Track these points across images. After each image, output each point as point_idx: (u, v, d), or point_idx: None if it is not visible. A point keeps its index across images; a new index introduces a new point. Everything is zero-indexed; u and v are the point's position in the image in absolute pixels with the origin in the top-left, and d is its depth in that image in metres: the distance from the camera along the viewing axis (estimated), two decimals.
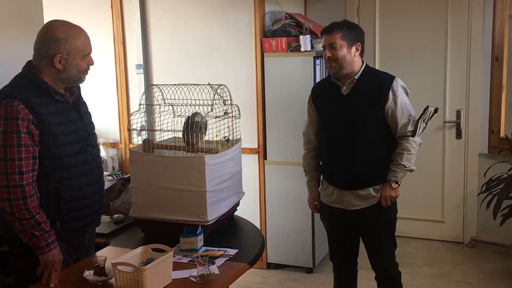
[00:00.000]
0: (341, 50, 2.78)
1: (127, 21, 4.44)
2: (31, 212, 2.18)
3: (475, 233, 4.62)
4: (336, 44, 2.78)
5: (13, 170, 2.15)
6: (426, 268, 4.24)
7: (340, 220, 2.99)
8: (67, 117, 2.34)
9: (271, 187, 4.21)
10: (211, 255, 2.38)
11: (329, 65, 2.83)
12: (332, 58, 2.80)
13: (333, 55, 2.79)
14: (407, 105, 2.85)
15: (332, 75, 2.89)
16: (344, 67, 2.81)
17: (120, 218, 3.17)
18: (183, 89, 2.83)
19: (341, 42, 2.78)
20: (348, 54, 2.80)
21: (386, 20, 4.67)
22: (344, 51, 2.79)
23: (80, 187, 2.38)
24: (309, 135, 3.07)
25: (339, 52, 2.78)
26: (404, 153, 2.81)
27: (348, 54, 2.80)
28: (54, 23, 2.32)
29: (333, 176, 2.96)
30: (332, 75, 2.89)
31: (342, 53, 2.79)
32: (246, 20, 4.10)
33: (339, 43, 2.78)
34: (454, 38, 4.48)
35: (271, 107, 4.12)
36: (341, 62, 2.79)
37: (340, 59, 2.79)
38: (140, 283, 2.02)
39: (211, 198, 2.62)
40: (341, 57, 2.79)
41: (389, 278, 3.01)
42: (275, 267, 4.30)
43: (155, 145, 2.84)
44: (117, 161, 4.54)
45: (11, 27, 3.33)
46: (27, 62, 2.36)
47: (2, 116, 2.17)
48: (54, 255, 2.22)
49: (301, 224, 4.14)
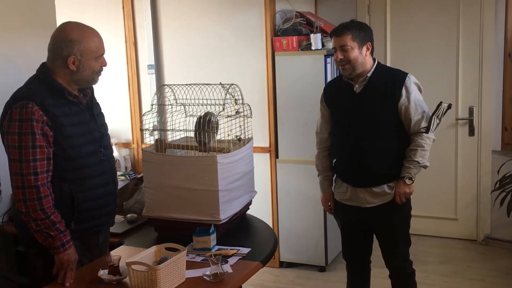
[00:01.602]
0: (353, 51, 2.76)
1: (138, 21, 4.47)
2: (46, 212, 2.20)
3: (489, 231, 4.59)
4: (348, 46, 2.76)
5: (28, 171, 2.18)
6: (440, 266, 4.22)
7: (354, 218, 2.98)
8: (80, 118, 2.36)
9: (283, 185, 4.21)
10: (224, 254, 2.39)
11: (342, 67, 2.81)
12: (344, 60, 2.78)
13: (345, 57, 2.77)
14: (420, 102, 2.84)
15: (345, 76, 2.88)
16: (357, 68, 2.79)
17: (134, 218, 3.19)
18: (195, 88, 2.84)
19: (352, 44, 2.76)
20: (359, 55, 2.78)
21: (397, 17, 4.66)
22: (356, 52, 2.77)
23: (94, 188, 2.39)
24: (323, 134, 3.06)
25: (351, 54, 2.76)
26: (418, 149, 2.80)
27: (359, 55, 2.78)
28: (68, 25, 2.34)
29: (347, 173, 2.96)
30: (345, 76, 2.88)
31: (354, 54, 2.76)
32: (256, 19, 4.10)
33: (350, 44, 2.75)
34: (466, 35, 4.45)
35: (282, 105, 4.12)
36: (354, 63, 2.78)
37: (352, 61, 2.77)
38: (154, 282, 2.04)
39: (224, 197, 2.62)
40: (353, 58, 2.77)
41: (403, 276, 3.00)
42: (287, 265, 4.31)
43: (167, 145, 2.86)
44: (130, 161, 4.57)
45: (25, 30, 3.37)
46: (41, 64, 2.38)
47: (17, 117, 2.19)
48: (69, 255, 2.24)
49: (314, 222, 4.14)
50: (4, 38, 3.26)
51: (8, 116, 2.23)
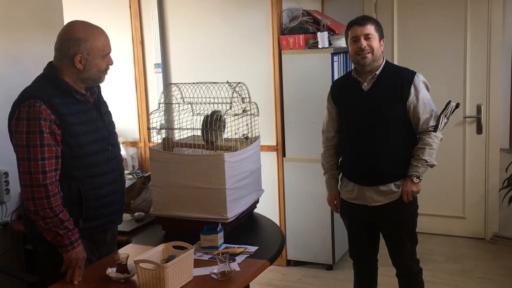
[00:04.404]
0: (375, 41, 2.80)
1: (145, 20, 4.48)
2: (54, 210, 2.21)
3: (497, 229, 4.57)
4: (372, 35, 2.79)
5: (36, 169, 2.19)
6: (447, 265, 4.20)
7: (360, 216, 2.98)
8: (88, 117, 2.37)
9: (290, 184, 4.21)
10: (231, 252, 2.39)
11: (364, 56, 2.79)
12: (367, 49, 2.79)
13: (369, 45, 2.79)
14: (429, 100, 2.84)
15: (359, 68, 2.87)
16: (377, 59, 2.82)
17: (141, 216, 3.19)
18: (202, 87, 2.84)
19: (374, 34, 2.80)
20: (379, 47, 2.82)
21: (404, 15, 4.64)
22: (377, 43, 2.81)
23: (101, 186, 2.40)
24: (329, 133, 3.06)
25: (373, 43, 2.80)
26: (426, 148, 2.79)
27: (379, 47, 2.82)
28: (75, 24, 2.35)
29: (353, 172, 2.95)
30: (359, 68, 2.87)
31: (376, 44, 2.81)
32: (263, 18, 4.10)
33: (373, 34, 2.80)
34: (474, 33, 4.43)
35: (289, 104, 4.12)
36: (376, 53, 2.81)
37: (375, 50, 2.80)
38: (162, 280, 2.04)
39: (231, 196, 2.63)
40: (376, 48, 2.80)
41: (410, 275, 2.99)
42: (295, 264, 4.31)
43: (175, 144, 2.86)
44: (137, 159, 4.58)
45: (32, 29, 3.38)
46: (48, 63, 2.39)
47: (25, 116, 2.20)
48: (77, 253, 2.25)
49: (321, 220, 4.13)
50: (12, 38, 3.28)
51: (16, 115, 2.24)
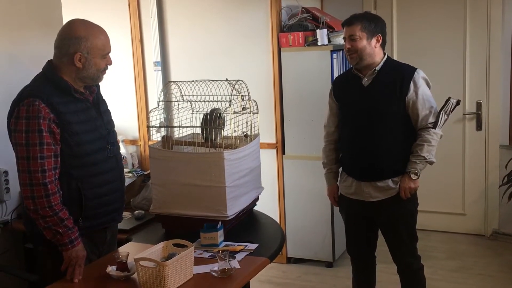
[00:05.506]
0: (361, 41, 2.80)
1: (144, 18, 4.47)
2: (54, 209, 2.21)
3: (497, 226, 4.57)
4: (356, 36, 2.79)
5: (35, 168, 2.18)
6: (447, 261, 4.21)
7: (358, 212, 2.99)
8: (87, 116, 2.37)
9: (289, 181, 4.21)
10: (231, 250, 2.39)
11: (350, 56, 2.85)
12: (352, 50, 2.82)
13: (353, 46, 2.81)
14: (428, 97, 2.84)
15: (353, 66, 2.90)
16: (364, 58, 2.82)
17: (141, 214, 3.19)
18: (201, 85, 2.84)
19: (360, 34, 2.79)
20: (368, 46, 2.81)
21: (404, 12, 4.64)
22: (364, 42, 2.80)
23: (101, 185, 2.40)
24: (330, 128, 3.07)
25: (358, 44, 2.80)
26: (425, 145, 2.79)
27: (368, 46, 2.81)
28: (75, 22, 2.34)
29: (352, 167, 2.96)
30: (353, 66, 2.90)
31: (362, 44, 2.80)
32: (262, 15, 4.10)
33: (358, 34, 2.79)
34: (473, 30, 4.43)
35: (288, 101, 4.12)
36: (361, 53, 2.81)
37: (359, 50, 2.80)
38: (162, 278, 2.04)
39: (231, 193, 2.63)
40: (360, 48, 2.80)
41: (411, 272, 3.00)
42: (295, 261, 4.31)
43: (174, 142, 2.86)
44: (137, 158, 4.58)
45: (31, 28, 3.38)
46: (48, 61, 2.39)
47: (24, 115, 2.20)
48: (77, 251, 2.25)
49: (321, 218, 4.14)
50: (11, 37, 3.28)
51: (15, 114, 2.24)
